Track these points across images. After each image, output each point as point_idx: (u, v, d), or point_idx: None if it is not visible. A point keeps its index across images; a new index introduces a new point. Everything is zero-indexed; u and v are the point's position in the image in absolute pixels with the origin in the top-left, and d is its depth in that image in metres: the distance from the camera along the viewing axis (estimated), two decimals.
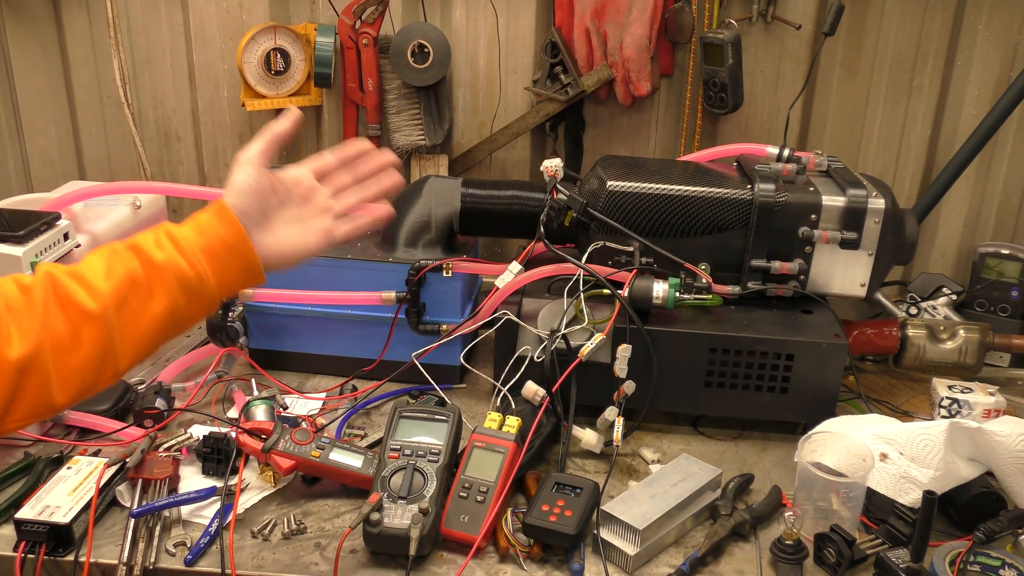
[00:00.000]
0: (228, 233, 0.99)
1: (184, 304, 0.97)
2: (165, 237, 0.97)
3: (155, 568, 1.16)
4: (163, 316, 0.96)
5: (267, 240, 1.03)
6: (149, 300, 0.95)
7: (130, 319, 0.94)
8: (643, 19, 1.80)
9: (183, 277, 0.96)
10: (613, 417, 1.40)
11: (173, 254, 0.96)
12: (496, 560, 1.19)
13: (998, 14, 1.82)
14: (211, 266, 0.98)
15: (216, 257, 0.98)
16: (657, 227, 1.49)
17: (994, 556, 1.16)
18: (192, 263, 0.96)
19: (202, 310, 1.00)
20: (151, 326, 0.95)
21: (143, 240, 0.97)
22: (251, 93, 1.92)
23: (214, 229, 0.99)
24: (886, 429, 1.32)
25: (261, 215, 1.03)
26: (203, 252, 0.97)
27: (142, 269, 0.95)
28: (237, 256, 0.99)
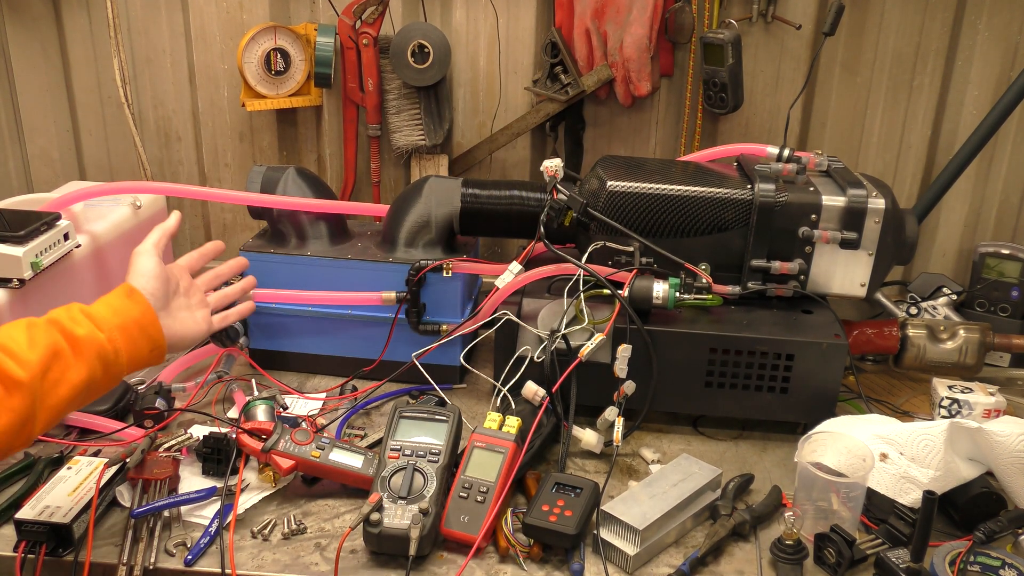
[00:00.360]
0: (140, 313, 1.12)
1: (100, 376, 1.06)
2: (81, 315, 1.07)
3: (155, 568, 1.16)
4: (81, 386, 1.04)
5: (169, 323, 1.17)
6: (70, 370, 1.03)
7: (51, 388, 1.01)
8: (643, 19, 1.80)
9: (102, 351, 1.06)
10: (613, 417, 1.40)
11: (92, 329, 1.06)
12: (496, 560, 1.19)
13: (998, 14, 1.82)
14: (124, 343, 1.08)
15: (129, 335, 1.09)
16: (657, 227, 1.49)
17: (994, 556, 1.16)
18: (110, 338, 1.07)
19: (112, 383, 1.10)
20: (69, 395, 1.03)
21: (60, 315, 1.06)
22: (251, 93, 1.92)
23: (127, 309, 1.11)
24: (886, 429, 1.32)
25: (164, 299, 1.17)
26: (118, 329, 1.08)
27: (64, 341, 1.03)
28: (147, 335, 1.12)
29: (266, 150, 2.07)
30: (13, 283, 1.38)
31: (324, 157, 2.06)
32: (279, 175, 1.64)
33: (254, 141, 2.07)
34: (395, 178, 2.06)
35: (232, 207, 2.13)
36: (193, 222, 2.16)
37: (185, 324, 1.21)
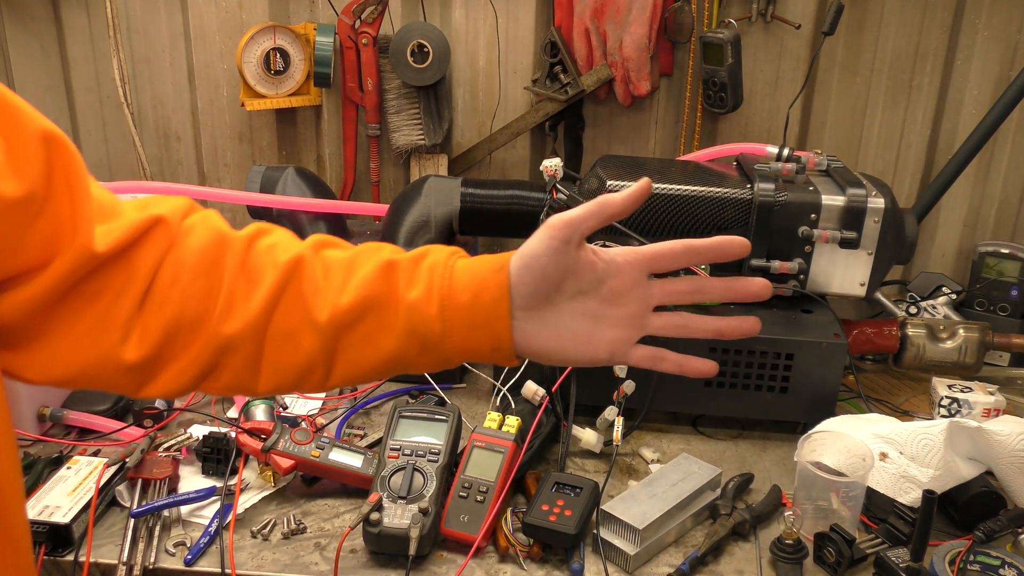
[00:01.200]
0: (492, 300, 0.78)
1: (414, 354, 0.81)
2: (424, 272, 0.80)
3: (155, 568, 1.16)
4: (390, 353, 0.80)
5: (534, 329, 0.79)
6: (380, 334, 0.79)
7: (355, 343, 0.80)
8: (643, 19, 1.80)
9: (424, 330, 0.79)
10: (613, 417, 1.40)
11: (423, 300, 0.78)
12: (496, 560, 1.19)
13: (998, 14, 1.82)
14: (458, 328, 0.79)
15: (468, 321, 0.79)
16: (657, 227, 1.49)
17: (994, 555, 1.16)
18: (442, 318, 0.78)
19: (432, 365, 0.83)
20: (375, 358, 0.80)
21: (403, 264, 0.81)
22: (251, 93, 1.92)
23: (483, 287, 0.78)
24: (886, 428, 1.32)
25: (538, 298, 0.79)
26: (456, 309, 0.78)
27: (387, 299, 0.79)
28: (490, 331, 0.79)
29: (265, 150, 2.07)
30: None
31: (323, 157, 2.06)
32: (278, 175, 1.64)
33: (253, 141, 2.07)
34: (395, 178, 2.06)
35: (232, 207, 2.13)
36: None
37: (565, 340, 0.80)
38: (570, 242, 0.77)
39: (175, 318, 0.76)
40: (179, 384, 0.78)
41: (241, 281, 0.79)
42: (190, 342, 0.77)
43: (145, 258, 0.76)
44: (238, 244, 0.80)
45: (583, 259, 0.78)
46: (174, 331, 0.76)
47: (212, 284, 0.78)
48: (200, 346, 0.77)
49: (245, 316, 0.78)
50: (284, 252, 0.80)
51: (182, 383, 0.78)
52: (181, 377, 0.78)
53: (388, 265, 0.80)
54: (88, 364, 0.75)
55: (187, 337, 0.77)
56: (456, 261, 0.80)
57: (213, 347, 0.77)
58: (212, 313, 0.77)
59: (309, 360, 0.80)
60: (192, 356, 0.77)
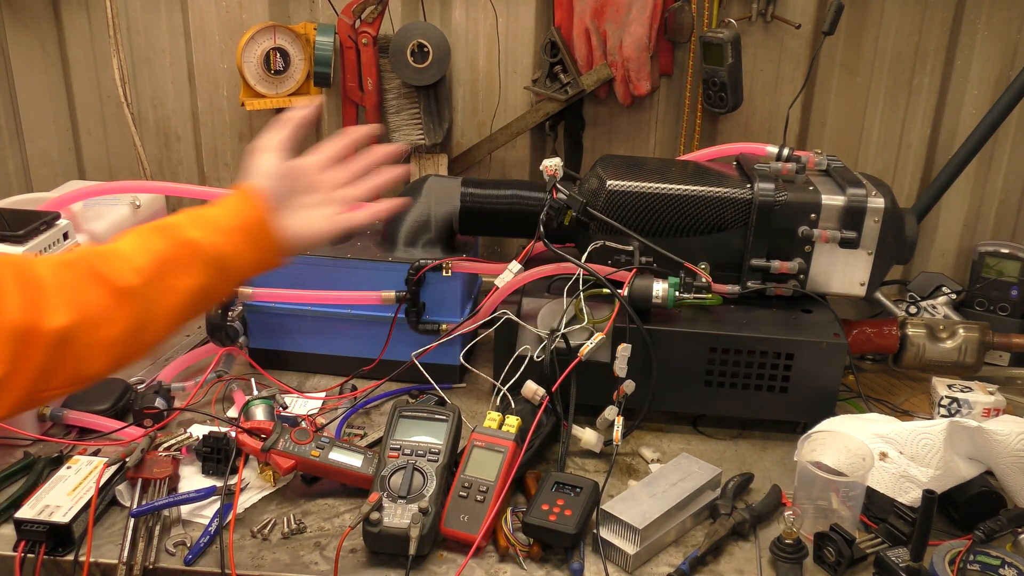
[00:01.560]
0: (258, 213, 1.03)
1: (217, 281, 1.00)
2: (195, 218, 1.00)
3: (155, 568, 1.16)
4: (195, 292, 0.98)
5: (289, 222, 1.06)
6: (184, 276, 0.96)
7: (164, 295, 0.95)
8: (642, 18, 1.80)
9: (220, 254, 0.99)
10: (613, 416, 1.40)
11: (210, 232, 0.99)
12: (496, 559, 1.19)
13: (998, 13, 1.82)
14: (245, 244, 1.01)
15: (250, 236, 1.01)
16: (657, 226, 1.49)
17: (994, 555, 1.16)
18: (230, 240, 0.99)
19: (230, 287, 1.04)
20: (183, 302, 0.97)
21: (177, 219, 1.00)
22: (251, 93, 1.92)
23: (244, 210, 1.02)
24: (886, 428, 1.32)
25: (281, 199, 1.06)
26: (238, 231, 1.00)
27: (178, 246, 0.97)
28: (266, 235, 1.03)
29: None
30: None
31: None
32: None
33: (253, 140, 2.06)
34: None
35: None
36: None
37: (310, 223, 1.08)
38: (284, 153, 1.08)
39: None
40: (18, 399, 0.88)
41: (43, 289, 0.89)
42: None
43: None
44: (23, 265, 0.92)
45: (291, 166, 1.09)
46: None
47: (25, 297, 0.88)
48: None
49: (67, 311, 0.89)
50: (65, 256, 0.95)
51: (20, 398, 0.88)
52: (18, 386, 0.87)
53: (159, 227, 0.99)
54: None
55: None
56: (206, 207, 1.02)
57: (46, 346, 0.87)
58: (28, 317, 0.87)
59: (130, 326, 0.93)
60: None
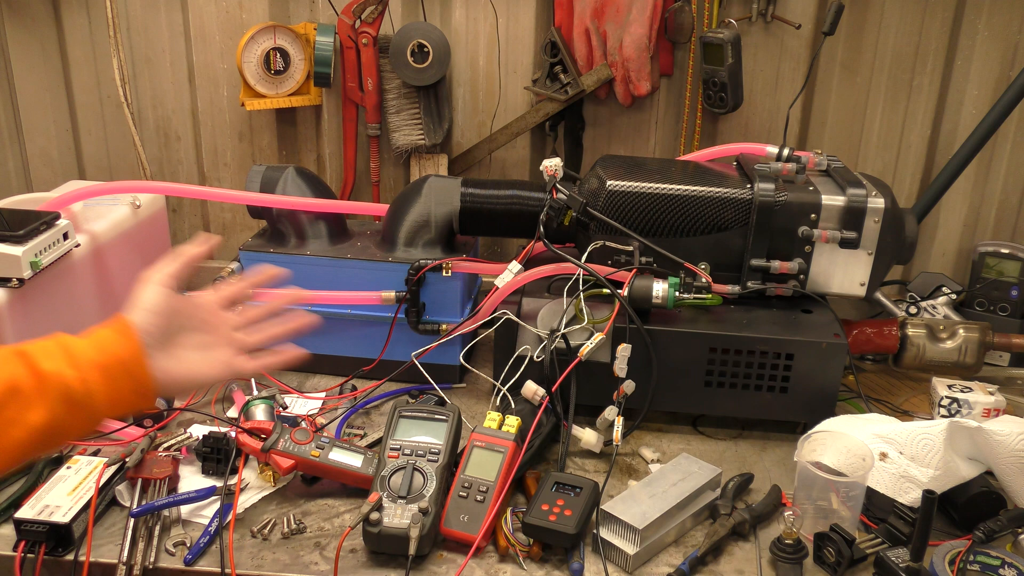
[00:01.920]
0: (126, 351, 0.94)
1: (65, 419, 0.90)
2: (57, 347, 0.93)
3: (155, 568, 1.16)
4: (40, 428, 0.89)
5: (165, 363, 0.98)
6: (28, 410, 0.88)
7: (4, 428, 0.87)
8: (643, 19, 1.80)
9: (69, 391, 0.90)
10: (613, 416, 1.40)
11: (63, 365, 0.91)
12: (496, 560, 1.19)
13: (998, 14, 1.82)
14: (102, 383, 0.92)
15: (109, 374, 0.93)
16: (657, 226, 1.49)
17: (994, 555, 1.16)
18: (82, 377, 0.91)
19: (84, 428, 0.94)
20: (25, 438, 0.88)
21: (33, 348, 0.92)
22: (251, 93, 1.92)
23: (112, 345, 0.94)
24: (886, 428, 1.32)
25: (164, 337, 0.98)
26: (96, 367, 0.92)
27: (28, 376, 0.89)
28: (131, 376, 0.94)
29: (265, 149, 2.07)
30: (12, 282, 1.38)
31: (324, 157, 2.06)
32: (278, 175, 1.64)
33: (253, 140, 2.07)
34: (395, 178, 2.06)
35: (231, 207, 2.13)
36: (192, 222, 2.16)
37: (192, 366, 1.00)
38: (174, 287, 1.00)
39: None
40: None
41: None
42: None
43: None
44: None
45: (182, 303, 1.02)
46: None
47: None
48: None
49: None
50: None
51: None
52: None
53: (17, 352, 0.91)
54: None
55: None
56: (75, 337, 0.94)
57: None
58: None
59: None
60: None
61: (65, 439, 0.93)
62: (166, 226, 1.91)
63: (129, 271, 1.74)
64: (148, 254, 1.83)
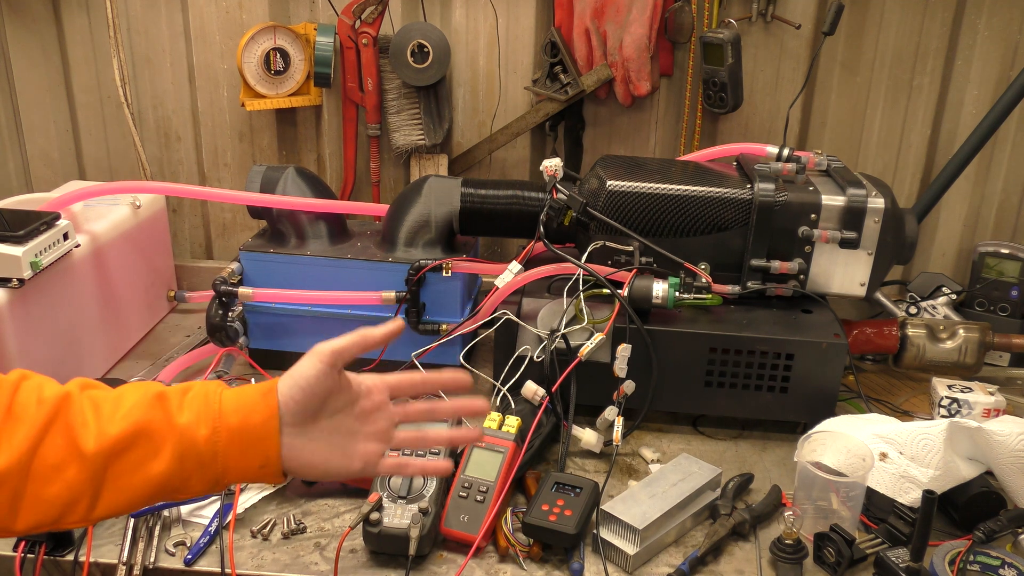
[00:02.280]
0: (262, 421, 0.87)
1: (186, 476, 0.86)
2: (199, 400, 0.87)
3: (155, 568, 1.16)
4: (159, 479, 0.85)
5: (300, 443, 0.89)
6: (150, 460, 0.84)
7: (123, 472, 0.84)
8: (643, 19, 1.80)
9: (195, 452, 0.85)
10: (613, 417, 1.40)
11: (195, 421, 0.85)
12: (496, 560, 1.19)
13: (998, 14, 1.82)
14: (231, 448, 0.86)
15: (240, 441, 0.86)
16: (657, 227, 1.49)
17: (994, 555, 1.16)
18: (212, 439, 0.85)
19: (202, 489, 0.88)
20: (143, 486, 0.85)
21: (172, 393, 0.87)
22: (251, 93, 1.92)
23: (252, 410, 0.87)
24: (886, 428, 1.32)
25: (306, 415, 0.89)
26: (229, 430, 0.86)
27: (157, 425, 0.84)
28: (260, 449, 0.87)
29: (266, 150, 2.07)
30: (13, 283, 1.38)
31: (324, 157, 2.06)
32: (279, 175, 1.64)
33: (254, 141, 2.07)
34: (395, 178, 2.06)
35: (232, 207, 2.13)
36: (193, 222, 2.16)
37: (326, 454, 0.90)
38: (335, 366, 0.88)
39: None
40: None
41: (6, 422, 0.81)
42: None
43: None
44: (3, 387, 0.83)
45: (343, 381, 0.90)
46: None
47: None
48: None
49: (10, 453, 0.79)
50: (50, 389, 0.84)
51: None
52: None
53: (158, 395, 0.86)
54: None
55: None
56: (224, 389, 0.88)
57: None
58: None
59: (73, 492, 0.82)
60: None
61: (183, 494, 0.88)
62: (166, 226, 1.91)
63: (129, 271, 1.75)
64: (148, 254, 1.84)
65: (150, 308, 1.86)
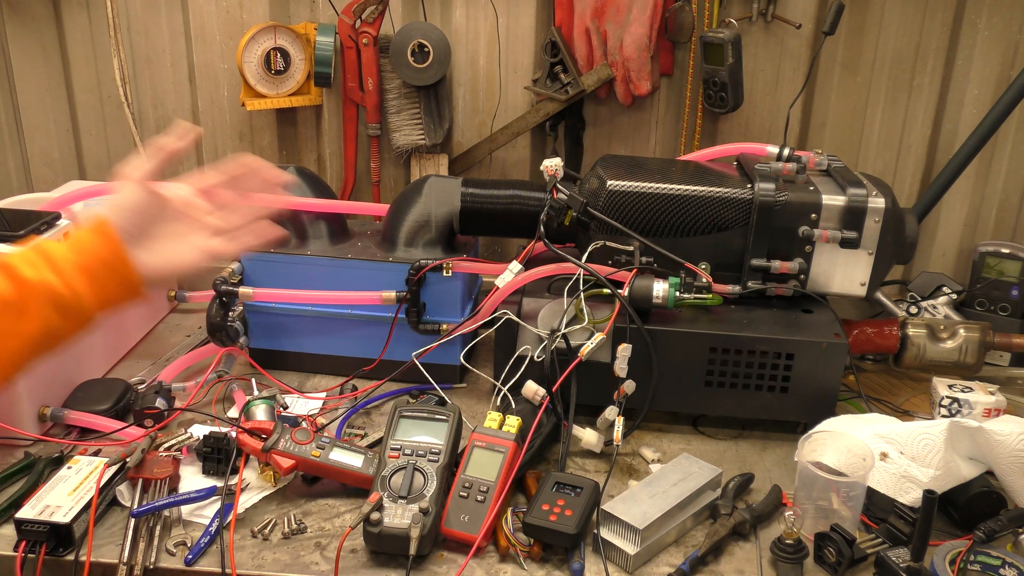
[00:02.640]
0: (106, 250, 0.97)
1: (58, 324, 0.94)
2: (38, 255, 0.95)
3: (155, 568, 1.16)
4: (36, 337, 0.93)
5: (146, 257, 1.00)
6: (20, 321, 0.92)
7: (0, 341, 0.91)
8: (643, 18, 1.80)
9: (57, 297, 0.93)
10: (613, 416, 1.40)
11: (46, 273, 0.93)
12: (496, 560, 1.19)
13: (998, 13, 1.82)
14: (88, 284, 0.95)
15: (93, 274, 0.95)
16: (657, 226, 1.49)
17: (994, 555, 1.16)
18: (67, 283, 0.94)
19: (78, 328, 0.97)
20: (22, 347, 0.93)
21: (13, 258, 0.94)
22: (251, 93, 1.92)
23: (91, 246, 0.96)
24: (886, 428, 1.32)
25: (141, 232, 1.00)
26: (79, 269, 0.94)
27: (13, 288, 0.92)
28: (115, 273, 0.97)
29: (266, 149, 2.07)
30: None
31: (324, 157, 2.06)
32: None
33: (254, 140, 2.07)
34: (395, 177, 2.06)
35: None
36: None
37: (171, 256, 1.02)
38: (147, 185, 1.02)
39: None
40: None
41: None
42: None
43: None
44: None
45: (157, 196, 1.03)
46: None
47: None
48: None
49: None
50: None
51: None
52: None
53: (2, 265, 0.93)
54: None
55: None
56: (59, 242, 0.97)
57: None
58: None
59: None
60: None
61: (63, 342, 0.96)
62: None
63: None
64: None
65: (150, 308, 1.86)
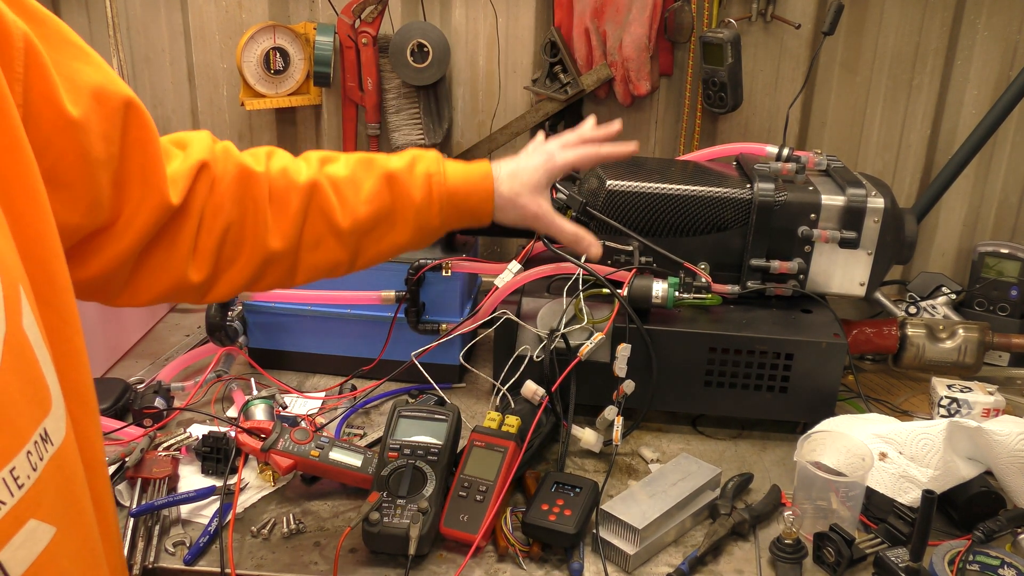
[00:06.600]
0: (478, 203, 1.14)
1: (417, 240, 1.12)
2: (423, 178, 1.10)
3: (154, 567, 1.16)
4: (400, 246, 1.12)
5: (503, 213, 1.17)
6: (392, 231, 1.10)
7: (372, 244, 1.09)
8: (642, 18, 1.80)
9: (427, 224, 1.11)
10: (612, 416, 1.40)
11: (427, 200, 1.10)
12: (495, 559, 1.19)
13: (998, 13, 1.82)
14: (452, 220, 1.13)
15: (460, 214, 1.13)
16: (656, 226, 1.49)
17: (993, 555, 1.16)
18: (442, 215, 1.11)
19: (424, 245, 1.15)
20: (387, 251, 1.11)
21: (403, 173, 1.09)
22: (250, 92, 1.92)
23: (471, 190, 1.13)
24: (885, 428, 1.32)
25: (515, 197, 1.17)
26: (453, 207, 1.12)
27: (397, 204, 1.08)
28: (475, 218, 1.15)
29: None
30: None
31: None
32: None
33: (253, 140, 2.07)
34: None
35: None
36: None
37: (521, 212, 1.19)
38: (550, 167, 1.21)
39: (221, 242, 0.97)
40: (232, 290, 1.02)
41: (273, 207, 1.01)
42: (235, 257, 1.00)
43: (197, 200, 0.94)
44: (260, 177, 1.01)
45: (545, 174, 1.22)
46: (222, 252, 0.98)
47: (247, 211, 0.99)
48: (245, 260, 1.00)
49: (282, 234, 1.02)
50: (296, 175, 1.04)
51: (234, 289, 1.02)
52: (233, 284, 1.01)
53: (388, 178, 1.08)
54: (164, 290, 0.95)
55: (232, 253, 0.99)
56: (446, 167, 1.12)
57: (257, 260, 1.01)
58: (252, 234, 1.00)
59: (335, 260, 1.08)
60: (239, 268, 1.00)
61: (411, 249, 1.14)
62: None
63: None
64: None
65: (149, 307, 1.86)
